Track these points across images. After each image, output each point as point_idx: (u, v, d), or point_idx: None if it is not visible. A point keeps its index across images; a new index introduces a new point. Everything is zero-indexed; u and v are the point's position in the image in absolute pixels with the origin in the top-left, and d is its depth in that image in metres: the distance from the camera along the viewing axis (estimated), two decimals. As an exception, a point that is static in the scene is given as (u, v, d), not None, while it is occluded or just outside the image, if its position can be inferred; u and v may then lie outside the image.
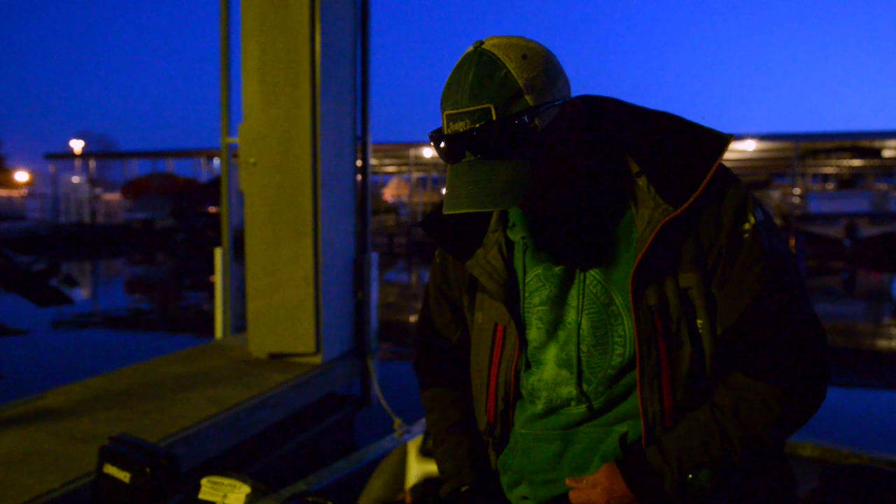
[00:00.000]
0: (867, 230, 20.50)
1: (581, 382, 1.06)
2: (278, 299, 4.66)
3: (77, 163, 34.57)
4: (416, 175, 30.79)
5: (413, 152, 26.14)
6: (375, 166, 31.46)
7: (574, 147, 1.01)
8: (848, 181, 26.34)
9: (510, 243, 1.13)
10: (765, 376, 1.01)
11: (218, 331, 5.46)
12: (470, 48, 0.97)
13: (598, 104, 1.08)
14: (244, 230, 4.81)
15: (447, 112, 0.96)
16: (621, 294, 1.03)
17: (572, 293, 1.07)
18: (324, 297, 4.66)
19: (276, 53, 4.57)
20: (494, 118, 0.92)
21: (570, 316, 1.07)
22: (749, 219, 1.00)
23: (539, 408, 1.11)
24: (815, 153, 24.80)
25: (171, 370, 4.46)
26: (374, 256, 5.21)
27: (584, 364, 1.06)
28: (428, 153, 26.16)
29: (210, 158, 30.59)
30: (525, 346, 1.12)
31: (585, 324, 1.05)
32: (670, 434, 1.03)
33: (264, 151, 4.63)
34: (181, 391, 3.97)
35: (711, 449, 1.00)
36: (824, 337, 1.04)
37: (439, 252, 1.26)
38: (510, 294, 1.11)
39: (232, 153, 5.39)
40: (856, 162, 26.89)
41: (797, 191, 23.89)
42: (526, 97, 0.92)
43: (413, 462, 2.15)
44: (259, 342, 4.75)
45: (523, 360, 1.12)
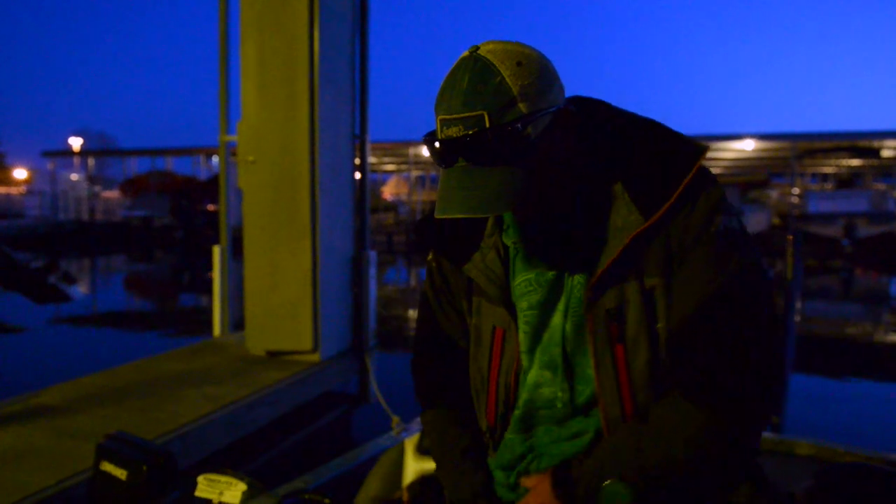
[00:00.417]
0: (865, 230, 20.49)
1: (563, 381, 1.07)
2: (276, 297, 4.66)
3: (76, 160, 34.52)
4: (416, 173, 30.76)
5: (412, 151, 26.13)
6: (375, 164, 31.43)
7: (566, 154, 1.01)
8: (846, 181, 26.35)
9: (506, 248, 1.13)
10: (692, 396, 0.98)
11: (216, 328, 5.46)
12: (465, 53, 0.97)
13: (590, 108, 1.08)
14: (242, 228, 4.81)
15: (441, 117, 0.96)
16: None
17: (562, 298, 1.07)
18: (322, 295, 4.66)
19: (275, 52, 4.57)
20: (488, 125, 0.92)
21: (556, 319, 1.08)
22: (717, 221, 0.98)
23: (517, 411, 1.12)
24: (814, 153, 24.78)
25: (169, 368, 4.46)
26: (373, 254, 5.21)
27: (565, 366, 1.07)
28: (427, 152, 26.11)
29: (209, 156, 30.55)
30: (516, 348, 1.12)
31: (570, 326, 1.06)
32: (602, 443, 1.03)
33: (262, 149, 4.63)
34: (179, 389, 3.98)
35: (626, 462, 0.99)
36: (772, 367, 0.98)
37: (434, 257, 1.25)
38: (509, 298, 1.11)
39: (230, 151, 5.39)
40: (854, 162, 26.89)
41: (795, 190, 23.88)
42: (520, 105, 0.93)
43: (410, 460, 2.15)
44: (257, 340, 4.76)
45: (520, 362, 1.13)
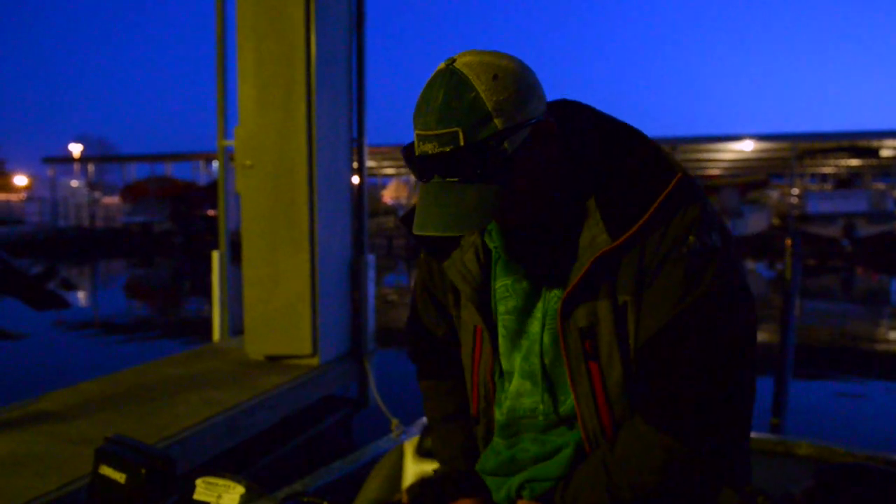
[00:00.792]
0: (865, 230, 20.52)
1: (542, 394, 1.09)
2: (275, 301, 4.66)
3: (76, 167, 34.54)
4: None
5: (411, 154, 26.14)
6: (374, 168, 31.44)
7: (545, 166, 0.99)
8: (846, 181, 26.35)
9: (488, 249, 1.13)
10: (652, 421, 0.98)
11: (215, 333, 5.46)
12: (442, 65, 0.95)
13: (571, 114, 1.06)
14: (241, 233, 4.82)
15: (417, 132, 0.96)
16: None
17: (538, 306, 1.08)
18: (320, 300, 4.66)
19: (272, 57, 4.58)
20: (462, 143, 0.90)
21: (534, 327, 1.08)
22: (688, 241, 0.96)
23: (501, 417, 1.14)
24: (813, 153, 24.80)
25: (169, 373, 4.46)
26: (371, 258, 5.21)
27: (546, 377, 1.08)
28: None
29: (208, 161, 30.58)
30: (496, 352, 1.14)
31: (547, 338, 1.06)
32: (576, 473, 1.04)
33: (260, 154, 4.63)
34: (178, 393, 3.97)
35: (598, 492, 1.00)
36: (736, 394, 0.97)
37: (424, 255, 1.27)
38: (483, 298, 1.13)
39: (229, 156, 5.40)
40: (854, 162, 26.91)
41: (795, 191, 23.90)
42: (495, 120, 0.90)
43: (410, 462, 2.15)
44: (256, 344, 4.75)
45: (498, 365, 1.15)
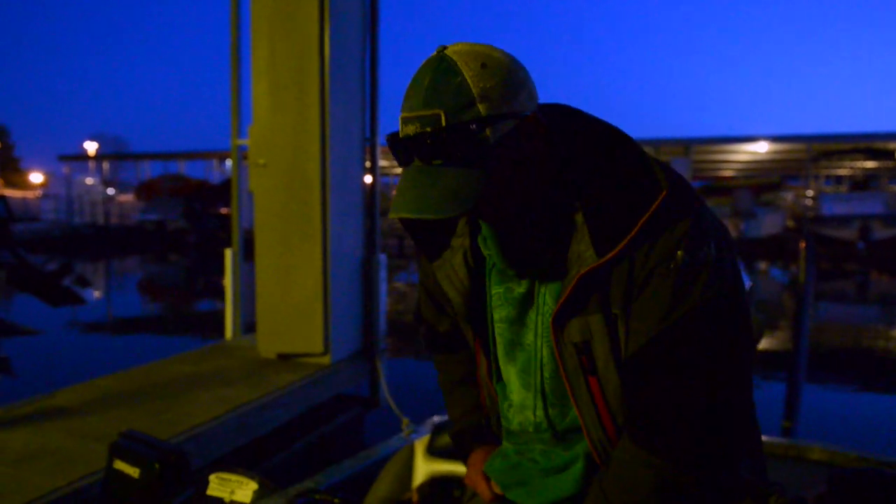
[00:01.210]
0: (881, 232, 20.28)
1: (546, 407, 1.09)
2: (287, 300, 4.68)
3: (91, 164, 34.85)
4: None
5: (423, 154, 26.12)
6: (386, 168, 31.46)
7: (530, 164, 0.98)
8: (861, 183, 26.08)
9: (480, 255, 1.12)
10: (639, 441, 0.98)
11: (227, 331, 5.49)
12: (433, 53, 0.96)
13: (561, 116, 1.04)
14: (254, 231, 4.84)
15: (402, 116, 0.96)
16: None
17: (531, 316, 1.07)
18: (332, 298, 4.67)
19: (286, 56, 4.60)
20: (444, 124, 0.90)
21: (528, 338, 1.08)
22: (677, 256, 0.94)
23: (513, 427, 1.16)
24: (829, 155, 24.56)
25: (181, 370, 4.49)
26: (383, 258, 5.22)
27: (548, 389, 1.08)
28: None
29: (222, 160, 30.74)
30: (490, 357, 1.16)
31: (546, 350, 1.06)
32: (586, 500, 1.04)
33: (273, 153, 4.66)
34: (191, 390, 4.00)
35: None
36: (724, 412, 0.96)
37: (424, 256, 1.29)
38: (472, 304, 1.13)
39: (242, 155, 5.42)
40: (870, 163, 26.62)
41: (810, 193, 23.69)
42: (479, 106, 0.90)
43: (420, 461, 2.16)
44: (268, 342, 4.78)
45: (494, 369, 1.16)
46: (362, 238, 5.14)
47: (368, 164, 5.21)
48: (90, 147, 35.80)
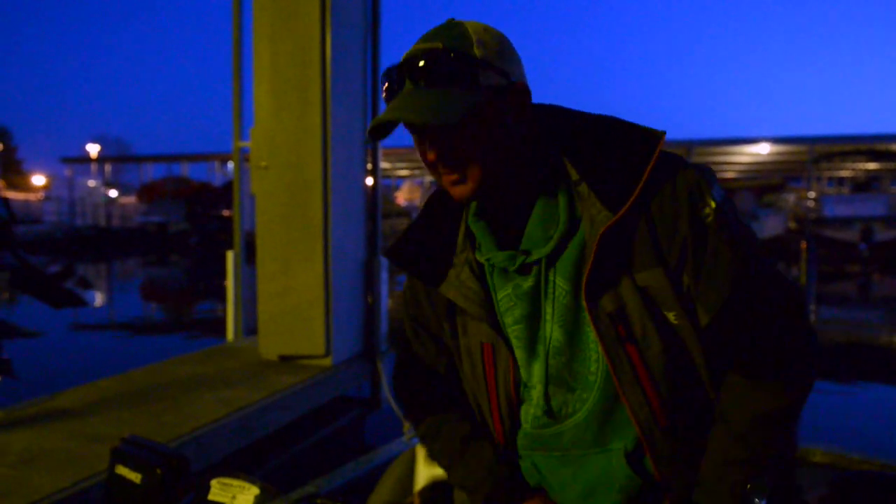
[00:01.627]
0: (883, 234, 20.23)
1: (566, 392, 1.05)
2: (289, 302, 4.68)
3: (93, 167, 34.91)
4: (429, 179, 30.83)
5: (425, 156, 26.14)
6: (388, 170, 31.50)
7: (513, 123, 0.99)
8: (864, 184, 26.04)
9: (480, 265, 1.10)
10: (760, 373, 1.01)
11: (229, 333, 5.50)
12: None
13: (548, 106, 1.09)
14: (255, 233, 4.85)
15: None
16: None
17: (546, 308, 1.05)
18: (334, 300, 4.68)
19: (287, 58, 4.61)
20: (441, 47, 0.94)
21: (546, 330, 1.05)
22: (709, 202, 0.97)
23: (528, 427, 1.10)
24: (831, 156, 24.55)
25: (183, 371, 4.49)
26: (385, 260, 5.22)
27: (567, 374, 1.05)
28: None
29: (224, 162, 30.80)
30: (516, 364, 1.09)
31: (559, 334, 1.04)
32: (709, 464, 1.03)
33: (275, 155, 4.66)
34: (193, 392, 4.00)
35: (747, 462, 1.00)
36: (804, 312, 1.04)
37: (408, 284, 1.22)
38: (491, 311, 1.09)
39: (244, 157, 5.43)
40: (872, 165, 26.61)
41: (812, 194, 23.65)
42: (476, 49, 0.95)
43: (421, 466, 2.15)
44: (270, 344, 4.78)
45: (519, 377, 1.10)
46: (364, 240, 5.14)
47: (370, 167, 5.22)
48: (92, 149, 35.87)
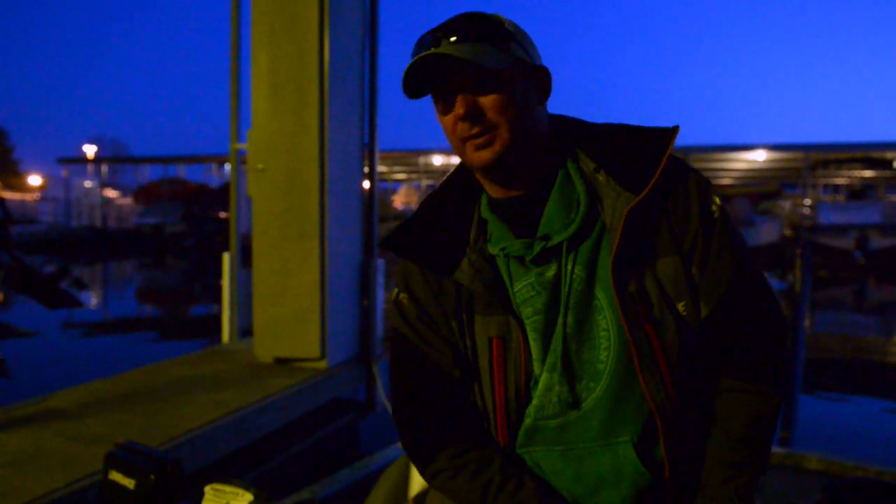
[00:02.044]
0: (878, 242, 20.31)
1: (573, 381, 1.05)
2: (285, 304, 4.68)
3: (90, 167, 34.82)
4: (426, 182, 30.83)
5: (423, 160, 26.19)
6: (385, 173, 31.49)
7: (533, 104, 1.04)
8: (859, 192, 26.14)
9: (492, 257, 1.10)
10: (748, 374, 1.06)
11: (224, 335, 5.49)
12: None
13: (554, 116, 1.14)
14: (252, 235, 4.84)
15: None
16: (603, 289, 1.04)
17: (562, 296, 1.06)
18: (330, 303, 4.67)
19: (286, 61, 4.61)
20: (476, 16, 1.01)
21: (561, 319, 1.06)
22: (714, 199, 1.07)
23: (530, 421, 1.08)
24: (826, 164, 24.64)
25: (178, 373, 4.48)
26: (381, 263, 5.22)
27: (575, 361, 1.05)
28: (438, 160, 26.18)
29: (221, 164, 30.74)
30: (529, 356, 1.07)
31: (571, 320, 1.05)
32: (711, 468, 1.05)
33: (272, 157, 4.66)
34: (187, 394, 3.99)
35: (748, 462, 1.04)
36: (785, 318, 1.12)
37: (405, 297, 1.16)
38: (507, 302, 1.08)
39: (241, 159, 5.43)
40: (867, 173, 26.69)
41: (807, 201, 23.74)
42: (507, 24, 1.02)
43: (416, 472, 2.15)
44: (265, 346, 4.77)
45: (531, 367, 1.07)
46: (360, 243, 5.14)
47: (367, 170, 5.22)
48: (89, 150, 35.79)
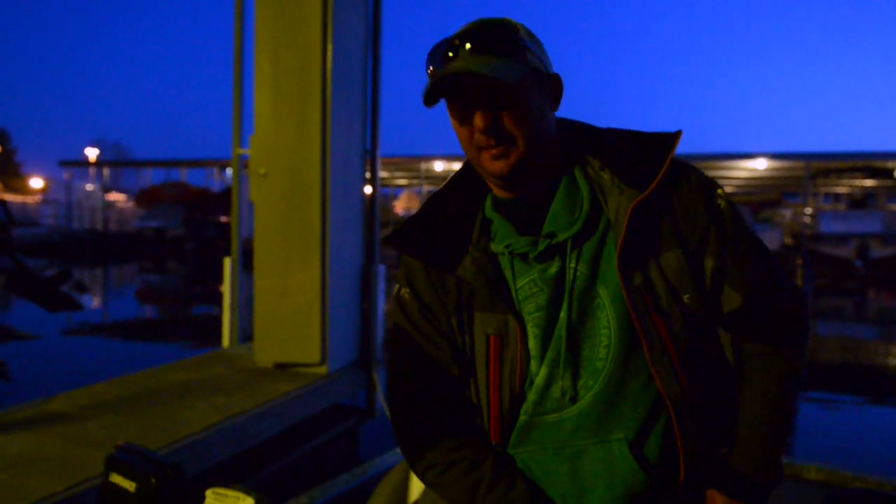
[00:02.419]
0: (879, 251, 20.30)
1: (574, 377, 1.06)
2: (285, 309, 4.68)
3: (91, 170, 34.88)
4: (427, 188, 30.85)
5: (424, 165, 26.22)
6: (387, 179, 31.53)
7: (546, 112, 1.06)
8: (860, 201, 26.11)
9: (495, 256, 1.11)
10: (777, 339, 1.12)
11: (225, 339, 5.49)
12: None
13: (559, 120, 1.16)
14: (253, 240, 4.85)
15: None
16: (605, 286, 1.06)
17: (566, 292, 1.07)
18: (330, 309, 4.68)
19: (288, 67, 4.63)
20: (494, 23, 1.03)
21: (562, 316, 1.07)
22: (718, 191, 1.10)
23: (525, 418, 1.08)
24: (827, 173, 24.64)
25: (178, 378, 4.48)
26: (382, 268, 5.23)
27: (576, 357, 1.06)
28: (439, 166, 26.20)
29: (223, 168, 30.78)
30: (527, 353, 1.07)
31: (573, 316, 1.06)
32: (746, 432, 1.11)
33: (274, 163, 4.68)
34: (187, 399, 3.99)
35: (781, 421, 1.11)
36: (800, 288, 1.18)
37: (407, 292, 1.16)
38: (508, 298, 1.09)
39: (243, 164, 5.44)
40: (868, 182, 26.70)
41: (808, 210, 23.72)
42: (521, 32, 1.04)
43: (415, 478, 2.15)
44: (265, 351, 4.77)
45: (528, 370, 1.08)
46: (361, 248, 5.15)
47: (368, 176, 5.23)
48: (91, 153, 35.86)
